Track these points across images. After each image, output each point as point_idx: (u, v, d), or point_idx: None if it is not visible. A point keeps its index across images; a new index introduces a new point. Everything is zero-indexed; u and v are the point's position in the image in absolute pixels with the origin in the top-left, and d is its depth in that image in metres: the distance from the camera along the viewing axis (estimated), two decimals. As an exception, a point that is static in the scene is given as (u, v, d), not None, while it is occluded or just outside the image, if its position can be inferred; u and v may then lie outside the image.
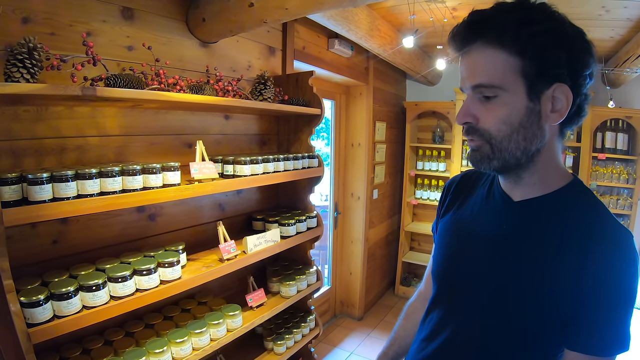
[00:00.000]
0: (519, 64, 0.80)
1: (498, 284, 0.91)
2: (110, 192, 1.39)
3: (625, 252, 0.82)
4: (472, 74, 0.84)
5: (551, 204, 0.90)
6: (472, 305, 0.96)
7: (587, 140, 3.90)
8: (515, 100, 0.82)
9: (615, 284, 0.81)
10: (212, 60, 2.21)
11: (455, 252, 1.05)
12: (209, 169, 1.78)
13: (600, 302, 0.81)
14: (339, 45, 3.33)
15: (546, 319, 0.85)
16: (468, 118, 0.86)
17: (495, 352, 0.92)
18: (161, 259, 1.58)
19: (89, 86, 1.36)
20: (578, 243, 0.84)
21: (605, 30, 3.17)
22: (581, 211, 0.88)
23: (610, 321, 0.82)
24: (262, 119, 2.61)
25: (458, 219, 1.07)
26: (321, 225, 2.54)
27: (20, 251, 1.44)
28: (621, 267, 0.81)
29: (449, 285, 1.04)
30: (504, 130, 0.83)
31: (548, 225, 0.88)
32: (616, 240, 0.83)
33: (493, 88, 0.82)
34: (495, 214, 0.97)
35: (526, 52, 0.78)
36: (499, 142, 0.84)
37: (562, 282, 0.83)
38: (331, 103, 4.06)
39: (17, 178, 1.21)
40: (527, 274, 0.87)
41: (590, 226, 0.86)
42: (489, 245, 0.95)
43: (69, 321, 1.27)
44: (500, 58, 0.80)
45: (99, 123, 1.70)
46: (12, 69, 1.19)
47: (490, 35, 0.80)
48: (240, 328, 1.95)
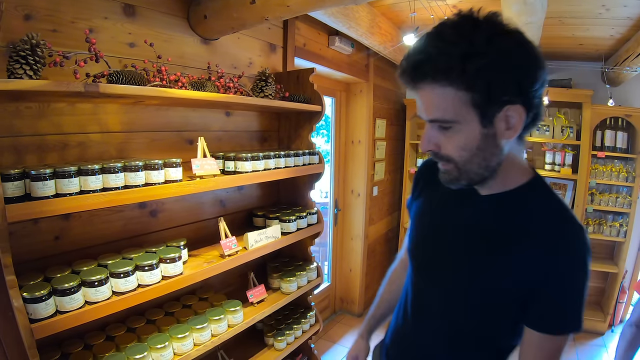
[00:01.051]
0: (468, 97, 0.83)
1: (465, 268, 1.02)
2: (112, 188, 1.40)
3: (577, 243, 0.90)
4: (426, 109, 0.89)
5: (512, 198, 0.98)
6: (442, 284, 1.07)
7: (586, 139, 3.90)
8: (470, 129, 0.86)
9: (568, 272, 0.89)
10: (214, 57, 2.21)
11: (427, 237, 1.15)
12: (210, 165, 1.78)
13: (555, 288, 0.89)
14: (340, 43, 3.33)
15: (506, 299, 0.95)
16: (431, 146, 0.93)
17: (460, 326, 1.05)
18: (163, 254, 1.59)
19: (91, 83, 1.36)
20: (535, 233, 0.92)
21: (605, 28, 3.17)
22: (538, 204, 0.96)
23: (565, 305, 0.91)
24: (263, 116, 2.61)
25: (430, 205, 1.17)
26: (321, 222, 2.55)
27: (22, 247, 1.45)
28: (574, 257, 0.90)
29: (422, 265, 1.15)
30: (464, 155, 0.90)
31: (509, 217, 0.97)
32: (574, 232, 0.91)
33: (447, 122, 0.87)
34: (464, 205, 1.06)
35: (474, 86, 0.81)
36: (462, 165, 0.91)
37: (522, 267, 0.92)
38: (331, 100, 4.06)
39: (20, 174, 1.21)
40: (491, 260, 0.97)
41: (546, 218, 0.94)
42: (459, 233, 1.05)
43: (71, 317, 1.28)
44: (450, 94, 0.83)
45: (101, 119, 1.71)
46: (15, 65, 1.20)
47: (437, 75, 0.83)
48: (241, 324, 1.96)
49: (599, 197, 4.06)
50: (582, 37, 3.45)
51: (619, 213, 4.07)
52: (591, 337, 4.01)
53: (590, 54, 3.94)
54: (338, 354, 3.70)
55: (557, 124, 4.11)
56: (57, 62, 1.34)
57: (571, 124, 4.09)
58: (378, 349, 1.42)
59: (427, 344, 1.14)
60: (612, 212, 4.11)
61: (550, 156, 4.18)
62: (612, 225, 4.03)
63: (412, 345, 1.20)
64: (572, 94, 3.96)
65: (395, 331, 1.28)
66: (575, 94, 3.95)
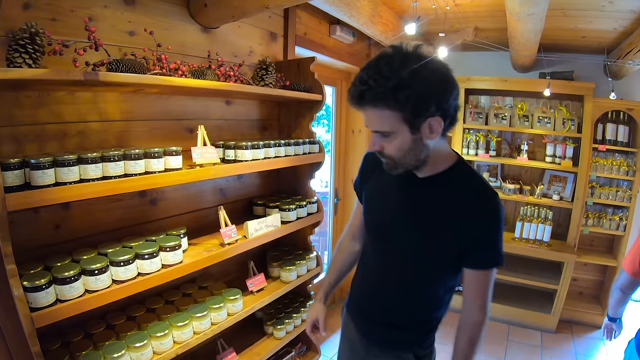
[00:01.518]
0: (400, 116, 1.13)
1: (415, 233, 1.33)
2: (112, 177, 1.40)
3: (494, 204, 1.26)
4: (370, 123, 1.20)
5: (442, 178, 1.31)
6: (399, 249, 1.38)
7: (587, 131, 3.88)
8: (403, 136, 1.18)
9: (492, 225, 1.26)
10: (214, 45, 2.20)
11: (381, 214, 1.44)
12: (210, 154, 1.78)
13: (485, 237, 1.26)
14: (341, 32, 3.31)
15: (448, 251, 1.29)
16: (376, 147, 1.24)
17: (413, 281, 1.39)
18: (163, 243, 1.60)
19: (91, 71, 1.36)
20: (464, 202, 1.26)
21: (609, 21, 3.14)
22: (463, 181, 1.31)
23: (492, 249, 1.27)
24: (264, 105, 2.61)
25: (380, 188, 1.46)
26: (321, 211, 2.55)
27: (23, 236, 1.45)
28: (494, 214, 1.25)
29: (380, 236, 1.45)
30: (399, 154, 1.22)
31: (442, 193, 1.30)
32: (489, 197, 1.27)
33: (386, 132, 1.18)
34: (407, 186, 1.36)
35: (404, 109, 1.12)
36: (399, 160, 1.23)
37: (458, 227, 1.25)
38: (332, 89, 4.04)
39: (19, 163, 1.21)
40: (434, 224, 1.30)
41: (470, 190, 1.29)
42: (407, 208, 1.36)
43: (71, 305, 1.29)
44: (386, 113, 1.14)
45: (101, 108, 1.70)
46: (14, 54, 1.19)
47: (376, 102, 1.13)
48: (240, 312, 1.98)
49: (599, 191, 4.05)
50: (585, 29, 3.42)
51: (619, 207, 4.06)
52: (589, 330, 4.03)
53: (592, 46, 3.90)
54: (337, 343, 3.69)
55: (559, 116, 4.09)
56: (56, 51, 1.34)
57: (572, 116, 4.07)
58: (344, 309, 1.72)
59: (389, 295, 1.45)
60: (612, 206, 4.10)
61: (551, 148, 4.16)
62: (612, 218, 4.02)
63: (375, 298, 1.49)
64: (574, 86, 3.93)
65: (358, 292, 1.60)
66: (577, 87, 3.92)
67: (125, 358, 1.48)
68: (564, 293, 3.89)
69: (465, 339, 1.36)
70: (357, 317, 1.60)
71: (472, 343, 1.35)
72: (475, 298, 1.34)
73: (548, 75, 4.07)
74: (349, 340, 1.67)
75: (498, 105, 4.38)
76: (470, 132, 4.40)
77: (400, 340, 1.47)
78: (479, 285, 1.33)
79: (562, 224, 4.32)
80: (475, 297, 1.34)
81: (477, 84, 4.24)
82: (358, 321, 1.59)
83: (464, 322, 1.38)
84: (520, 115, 4.25)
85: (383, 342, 1.50)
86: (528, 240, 4.08)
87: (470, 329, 1.36)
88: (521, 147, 4.28)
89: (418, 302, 1.42)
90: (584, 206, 4.02)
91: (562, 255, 3.89)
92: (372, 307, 1.52)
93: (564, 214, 4.32)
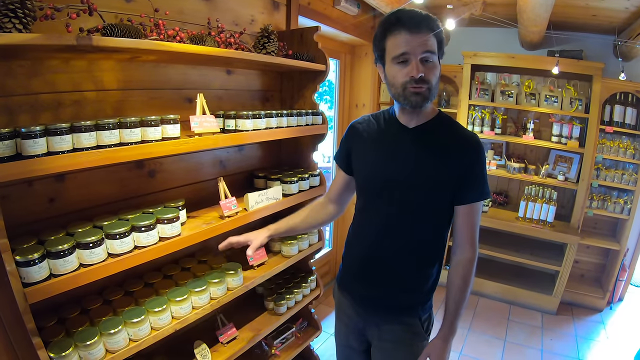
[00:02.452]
0: (436, 44, 1.34)
1: (416, 180, 1.44)
2: (107, 146, 1.35)
3: (479, 143, 1.45)
4: (423, 44, 1.31)
5: (431, 126, 1.47)
6: (397, 200, 1.46)
7: (595, 112, 3.81)
8: (437, 65, 1.37)
9: (478, 162, 1.43)
10: (214, 13, 2.12)
11: (378, 171, 1.51)
12: (209, 123, 1.73)
13: (474, 173, 1.43)
14: (345, 2, 3.21)
15: (445, 193, 1.44)
16: (421, 71, 1.33)
17: (419, 226, 1.49)
18: (160, 215, 1.56)
19: (84, 36, 1.29)
20: (453, 144, 1.44)
21: (621, 0, 3.04)
22: (449, 127, 1.50)
23: (480, 183, 1.44)
24: (265, 75, 2.54)
25: (368, 149, 1.55)
26: (324, 184, 2.51)
27: (16, 210, 1.41)
28: (479, 152, 1.44)
29: (377, 193, 1.52)
30: (436, 81, 1.37)
31: (433, 139, 1.45)
32: (473, 138, 1.46)
33: (433, 52, 1.34)
34: (399, 139, 1.49)
35: (440, 38, 1.36)
36: (434, 87, 1.37)
37: (452, 167, 1.41)
38: (335, 62, 3.96)
39: (10, 133, 1.16)
40: (431, 167, 1.42)
41: (457, 134, 1.48)
42: (401, 158, 1.46)
43: (65, 280, 1.25)
44: (433, 39, 1.33)
45: (96, 77, 1.64)
46: (4, 19, 1.12)
47: (432, 25, 1.33)
48: (240, 287, 1.95)
49: (605, 173, 4.00)
50: (596, 7, 3.31)
51: (624, 190, 4.02)
52: (590, 313, 4.05)
53: (603, 25, 3.79)
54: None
55: (566, 96, 4.00)
56: (48, 16, 1.27)
57: (580, 96, 3.98)
58: (335, 287, 1.76)
59: (392, 251, 1.51)
60: (617, 189, 4.06)
61: (558, 128, 4.09)
62: (617, 201, 3.98)
63: (377, 260, 1.55)
64: (583, 65, 3.85)
65: (357, 259, 1.62)
66: (586, 66, 3.83)
67: (122, 334, 1.45)
68: (566, 275, 3.88)
69: (459, 278, 1.49)
70: (356, 287, 1.64)
71: (466, 280, 1.49)
72: (466, 234, 1.48)
73: (557, 53, 3.98)
74: (345, 317, 1.71)
75: (505, 82, 4.30)
76: (476, 108, 4.33)
77: (403, 305, 1.55)
78: (470, 220, 1.47)
79: (567, 205, 4.29)
80: (467, 233, 1.48)
81: (484, 60, 4.15)
82: (356, 292, 1.64)
83: (456, 261, 1.51)
84: (527, 93, 4.17)
85: (385, 309, 1.57)
86: (532, 220, 4.05)
87: (462, 267, 1.49)
88: (527, 125, 4.22)
89: (420, 254, 1.52)
90: (589, 188, 3.98)
91: (565, 237, 3.87)
92: (373, 271, 1.57)
93: (568, 195, 4.28)
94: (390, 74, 1.39)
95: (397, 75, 1.35)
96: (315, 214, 1.79)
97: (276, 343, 2.48)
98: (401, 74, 1.34)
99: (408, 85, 1.33)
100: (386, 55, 1.38)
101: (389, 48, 1.36)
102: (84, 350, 1.34)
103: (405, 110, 1.46)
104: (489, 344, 3.46)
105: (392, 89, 1.41)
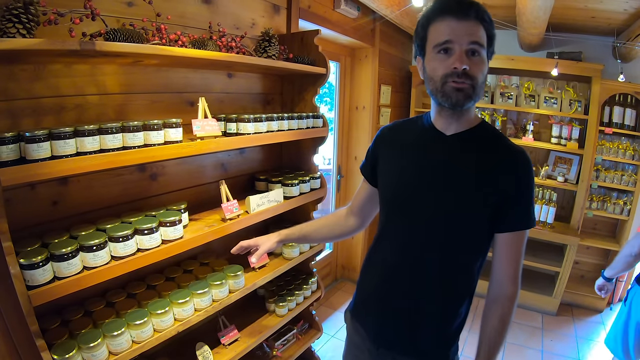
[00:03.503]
0: (486, 38, 1.15)
1: (451, 197, 1.21)
2: (110, 150, 1.36)
3: (528, 162, 1.21)
4: (470, 34, 1.13)
5: (472, 135, 1.24)
6: (428, 216, 1.24)
7: (594, 113, 3.82)
8: (484, 60, 1.16)
9: (527, 183, 1.20)
10: (215, 17, 2.13)
11: (409, 184, 1.29)
12: (211, 126, 1.74)
13: (522, 196, 1.19)
14: (345, 5, 3.23)
15: (483, 214, 1.19)
16: (465, 63, 1.13)
17: (450, 253, 1.24)
18: (163, 218, 1.57)
19: (87, 40, 1.31)
20: (499, 159, 1.21)
21: (619, 2, 3.05)
22: (493, 138, 1.25)
23: (529, 207, 1.22)
24: (266, 78, 2.55)
25: (399, 159, 1.34)
26: (324, 187, 2.52)
27: (20, 213, 1.42)
28: (529, 172, 1.21)
29: (404, 207, 1.30)
30: (482, 78, 1.16)
31: (474, 150, 1.23)
32: (523, 154, 1.21)
33: (480, 45, 1.14)
34: (433, 148, 1.27)
35: (490, 30, 1.16)
36: (479, 84, 1.16)
37: (495, 185, 1.18)
38: (336, 65, 3.98)
39: (14, 137, 1.17)
40: (469, 186, 1.20)
41: (503, 147, 1.23)
42: (435, 168, 1.24)
43: (69, 282, 1.26)
44: (482, 31, 1.14)
45: (99, 81, 1.65)
46: (8, 24, 1.14)
47: (481, 15, 1.13)
48: (242, 289, 1.96)
49: (604, 174, 4.01)
50: (595, 9, 3.32)
51: (624, 191, 4.03)
52: (590, 314, 4.05)
53: (602, 27, 3.81)
54: (339, 321, 3.74)
55: (566, 97, 4.02)
56: (51, 21, 1.28)
57: (579, 97, 4.00)
58: (348, 315, 1.54)
59: (419, 278, 1.28)
60: (617, 190, 4.07)
61: (557, 129, 4.11)
62: (616, 202, 3.99)
63: (399, 287, 1.31)
64: (582, 67, 3.86)
65: (376, 286, 1.39)
66: (585, 68, 3.85)
67: (125, 336, 1.46)
68: (566, 276, 3.89)
69: (496, 318, 1.26)
70: (370, 323, 1.41)
71: (504, 321, 1.26)
72: (507, 267, 1.25)
73: (556, 55, 3.99)
74: (357, 351, 1.49)
75: (504, 84, 4.31)
76: (476, 110, 4.33)
77: (426, 348, 1.31)
78: (512, 251, 1.24)
79: (566, 206, 4.30)
80: (508, 265, 1.25)
81: (484, 62, 4.14)
82: (371, 328, 1.40)
83: (493, 298, 1.28)
84: (526, 95, 4.18)
85: (404, 351, 1.33)
86: (531, 221, 4.04)
87: (501, 305, 1.26)
88: (527, 127, 4.23)
89: (449, 287, 1.27)
90: (589, 189, 3.99)
91: (565, 238, 3.88)
92: (392, 306, 1.34)
93: (568, 196, 4.30)
94: (430, 66, 1.18)
95: (438, 67, 1.15)
96: (332, 225, 1.63)
97: (277, 345, 2.49)
98: (442, 66, 1.14)
99: (449, 79, 1.13)
100: (427, 45, 1.19)
101: (431, 36, 1.17)
102: (87, 352, 1.35)
103: (443, 112, 1.24)
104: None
105: (431, 84, 1.20)
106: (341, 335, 3.53)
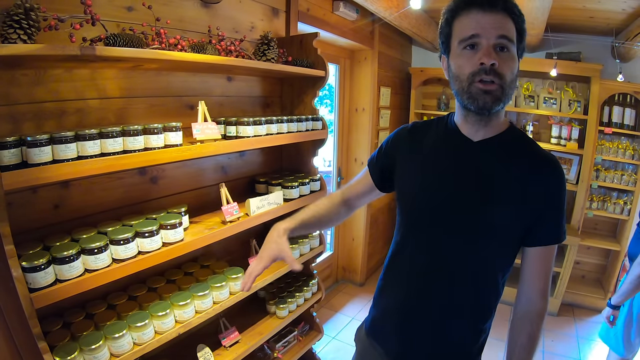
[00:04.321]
0: (515, 33, 1.06)
1: (476, 209, 1.13)
2: (111, 153, 1.37)
3: (560, 169, 1.13)
4: (499, 27, 1.05)
5: (501, 142, 1.16)
6: (453, 230, 1.15)
7: (594, 114, 3.83)
8: (514, 57, 1.08)
9: (560, 193, 1.13)
10: (214, 21, 2.14)
11: (423, 195, 1.21)
12: (211, 130, 1.75)
13: (554, 206, 1.13)
14: (344, 8, 3.24)
15: (514, 228, 1.13)
16: (492, 58, 1.05)
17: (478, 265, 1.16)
18: (163, 220, 1.58)
19: (88, 46, 1.32)
20: (531, 168, 1.12)
21: (618, 2, 3.05)
22: (524, 145, 1.17)
23: (561, 219, 1.14)
24: (266, 81, 2.56)
25: (420, 165, 1.25)
26: (324, 189, 2.54)
27: (21, 217, 1.43)
28: (561, 181, 1.13)
29: (426, 219, 1.21)
30: (511, 76, 1.07)
31: (502, 157, 1.15)
32: (556, 163, 1.14)
33: (509, 39, 1.06)
34: (459, 154, 1.18)
35: (519, 24, 1.07)
36: (508, 83, 1.07)
37: (525, 198, 1.10)
38: (335, 67, 3.99)
39: (16, 141, 1.18)
40: (499, 197, 1.12)
41: (535, 155, 1.15)
42: (463, 179, 1.15)
43: (71, 285, 1.27)
44: (511, 25, 1.06)
45: (99, 85, 1.66)
46: (9, 30, 1.15)
47: (510, 7, 1.05)
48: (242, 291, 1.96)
49: (604, 174, 4.01)
50: (593, 9, 3.33)
51: (624, 191, 4.03)
52: (591, 314, 4.05)
53: (600, 27, 3.81)
54: (340, 322, 3.75)
55: (565, 98, 4.02)
56: (52, 26, 1.30)
57: (579, 98, 4.01)
58: (361, 334, 1.45)
59: (443, 296, 1.19)
60: (617, 190, 4.07)
61: (557, 130, 4.12)
62: (617, 202, 3.99)
63: (422, 307, 1.22)
64: (581, 67, 3.87)
65: (395, 304, 1.29)
66: (584, 68, 3.86)
67: (127, 338, 1.47)
68: (567, 276, 3.89)
69: (524, 335, 1.18)
70: (390, 342, 1.31)
71: (533, 339, 1.18)
72: (538, 282, 1.18)
73: (555, 55, 4.00)
74: None
75: (504, 85, 4.31)
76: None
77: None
78: (543, 265, 1.17)
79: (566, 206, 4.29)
80: (537, 280, 1.18)
81: (483, 63, 4.16)
82: (390, 349, 1.31)
83: (522, 314, 1.20)
84: (525, 96, 4.19)
85: None
86: (532, 222, 4.05)
87: (530, 322, 1.18)
88: (526, 127, 4.24)
89: (476, 303, 1.19)
90: (589, 189, 3.99)
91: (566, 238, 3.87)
92: (413, 324, 1.24)
93: (568, 196, 4.27)
94: (455, 63, 1.10)
95: (464, 64, 1.06)
96: (332, 207, 1.46)
97: (278, 346, 2.50)
98: (469, 63, 1.05)
99: (476, 79, 1.05)
100: (452, 40, 1.11)
101: (456, 30, 1.09)
102: (89, 354, 1.36)
103: (470, 116, 1.14)
104: (490, 345, 3.40)
105: (456, 83, 1.10)
106: (342, 337, 3.54)
